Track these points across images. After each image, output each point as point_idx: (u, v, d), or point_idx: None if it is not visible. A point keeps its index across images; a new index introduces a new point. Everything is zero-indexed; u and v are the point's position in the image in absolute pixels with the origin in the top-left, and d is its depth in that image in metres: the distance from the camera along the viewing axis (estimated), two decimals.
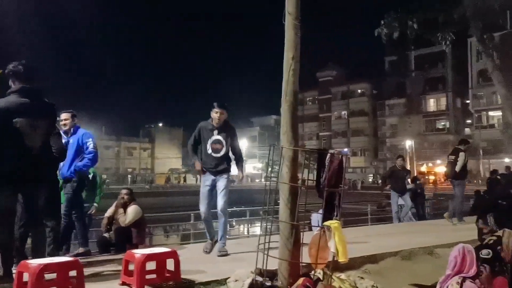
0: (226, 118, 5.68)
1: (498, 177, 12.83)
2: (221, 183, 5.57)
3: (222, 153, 5.59)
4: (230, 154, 5.74)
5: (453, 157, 9.34)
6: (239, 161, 5.91)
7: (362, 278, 4.99)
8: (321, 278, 3.89)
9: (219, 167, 5.59)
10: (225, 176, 5.62)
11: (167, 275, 3.90)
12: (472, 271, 3.52)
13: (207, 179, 5.61)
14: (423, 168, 52.71)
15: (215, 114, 5.55)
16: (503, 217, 5.09)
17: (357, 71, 63.92)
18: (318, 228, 3.95)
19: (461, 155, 9.17)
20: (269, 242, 3.93)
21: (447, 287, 3.52)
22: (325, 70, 66.33)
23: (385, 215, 15.37)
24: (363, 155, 63.15)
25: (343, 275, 4.31)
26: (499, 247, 4.02)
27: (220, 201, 5.53)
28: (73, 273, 3.45)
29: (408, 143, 51.77)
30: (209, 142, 5.56)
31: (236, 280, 3.94)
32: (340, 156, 4.11)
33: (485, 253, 3.78)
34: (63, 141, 4.99)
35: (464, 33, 9.29)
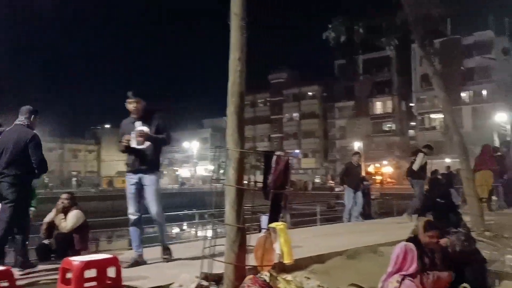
0: (152, 109, 5.25)
1: (439, 176, 13.40)
2: (149, 187, 5.07)
3: (147, 144, 5.02)
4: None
5: (413, 157, 9.77)
6: (162, 140, 5.22)
7: (308, 278, 5.03)
8: (267, 280, 3.88)
9: (145, 163, 5.05)
10: (153, 176, 5.09)
11: (108, 282, 3.75)
12: (412, 269, 3.62)
13: (133, 177, 5.11)
14: (371, 169, 54.37)
15: (129, 104, 5.12)
16: (441, 215, 5.31)
17: (308, 73, 65.26)
18: (264, 230, 3.94)
19: (419, 155, 9.58)
20: (214, 245, 3.88)
21: (387, 285, 3.60)
22: (276, 72, 67.04)
23: (335, 215, 15.70)
24: (314, 156, 64.34)
25: (289, 276, 4.32)
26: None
27: (152, 206, 5.09)
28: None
29: (357, 145, 53.24)
30: (133, 135, 5.02)
31: (180, 286, 3.86)
32: (286, 157, 4.13)
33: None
34: None
35: (408, 39, 9.62)
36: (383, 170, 54.77)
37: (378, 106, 59.10)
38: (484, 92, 47.92)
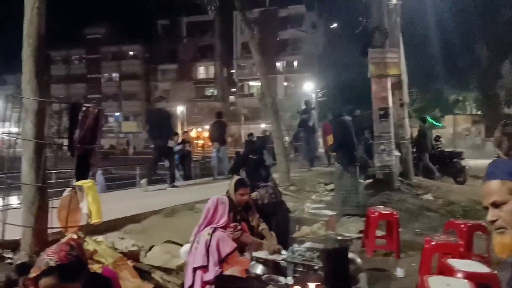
0: None
1: (253, 138, 14.37)
2: None
3: None
4: None
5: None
6: None
7: (122, 238, 4.85)
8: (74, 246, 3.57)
9: None
10: None
11: None
12: (223, 221, 3.74)
13: None
14: (193, 134, 55.52)
15: None
16: (252, 169, 5.65)
17: (129, 32, 61.81)
18: (68, 189, 3.58)
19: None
20: (7, 208, 3.38)
21: (199, 238, 3.66)
22: (93, 27, 61.68)
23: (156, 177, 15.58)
24: (136, 120, 62.29)
25: (100, 237, 4.08)
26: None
27: None
28: None
29: (180, 109, 53.52)
30: None
31: None
32: (95, 110, 3.78)
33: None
34: None
35: (231, 5, 9.78)
36: (204, 134, 56.46)
37: (201, 71, 59.95)
38: (295, 63, 52.75)
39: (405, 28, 10.40)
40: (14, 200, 5.18)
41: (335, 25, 34.52)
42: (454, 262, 3.53)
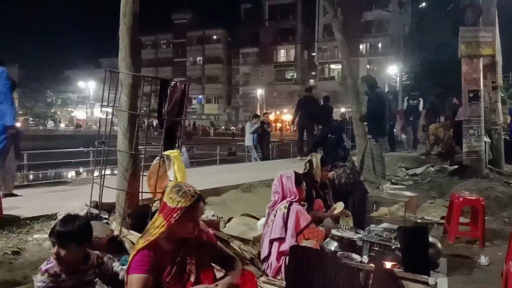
0: None
1: (334, 122, 14.27)
2: None
3: None
4: None
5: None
6: None
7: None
8: None
9: None
10: None
11: None
12: (294, 193, 3.81)
13: None
14: (272, 117, 55.98)
15: None
16: (329, 148, 5.65)
17: (213, 16, 63.27)
18: (157, 158, 3.85)
19: None
20: (104, 174, 3.72)
21: (275, 211, 3.77)
22: (180, 12, 64.11)
23: (235, 158, 16.10)
24: (217, 102, 64.08)
25: None
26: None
27: None
28: None
29: (259, 92, 54.12)
30: None
31: (68, 214, 3.67)
32: (183, 85, 4.00)
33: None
34: None
35: None
36: (283, 117, 56.62)
37: (282, 54, 59.93)
38: (380, 45, 50.84)
39: (502, 4, 9.64)
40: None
41: (423, 4, 32.58)
42: None
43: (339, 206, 4.53)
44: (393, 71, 33.35)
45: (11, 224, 3.53)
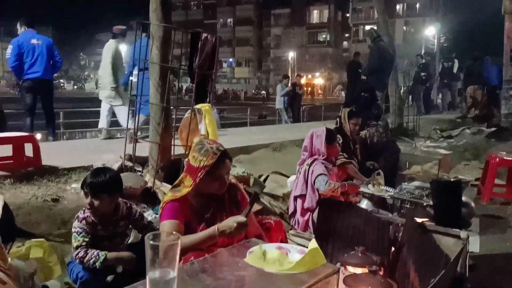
0: None
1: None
2: None
3: None
4: None
5: None
6: None
7: (234, 166, 5.17)
8: None
9: None
10: None
11: (25, 160, 3.59)
12: (322, 153, 3.79)
13: None
14: (303, 80, 55.10)
15: None
16: (362, 106, 5.56)
17: None
18: (189, 111, 3.87)
19: None
20: (138, 127, 3.79)
21: (301, 169, 3.80)
22: None
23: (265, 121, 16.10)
24: (248, 65, 63.28)
25: None
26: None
27: None
28: None
29: (291, 55, 53.12)
30: None
31: (103, 165, 3.78)
32: (213, 39, 3.97)
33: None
34: None
35: None
36: (315, 81, 55.74)
37: (315, 15, 58.26)
38: (417, 5, 48.75)
39: None
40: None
41: None
42: None
43: (379, 178, 4.46)
44: (430, 33, 32.01)
45: (50, 173, 3.66)
